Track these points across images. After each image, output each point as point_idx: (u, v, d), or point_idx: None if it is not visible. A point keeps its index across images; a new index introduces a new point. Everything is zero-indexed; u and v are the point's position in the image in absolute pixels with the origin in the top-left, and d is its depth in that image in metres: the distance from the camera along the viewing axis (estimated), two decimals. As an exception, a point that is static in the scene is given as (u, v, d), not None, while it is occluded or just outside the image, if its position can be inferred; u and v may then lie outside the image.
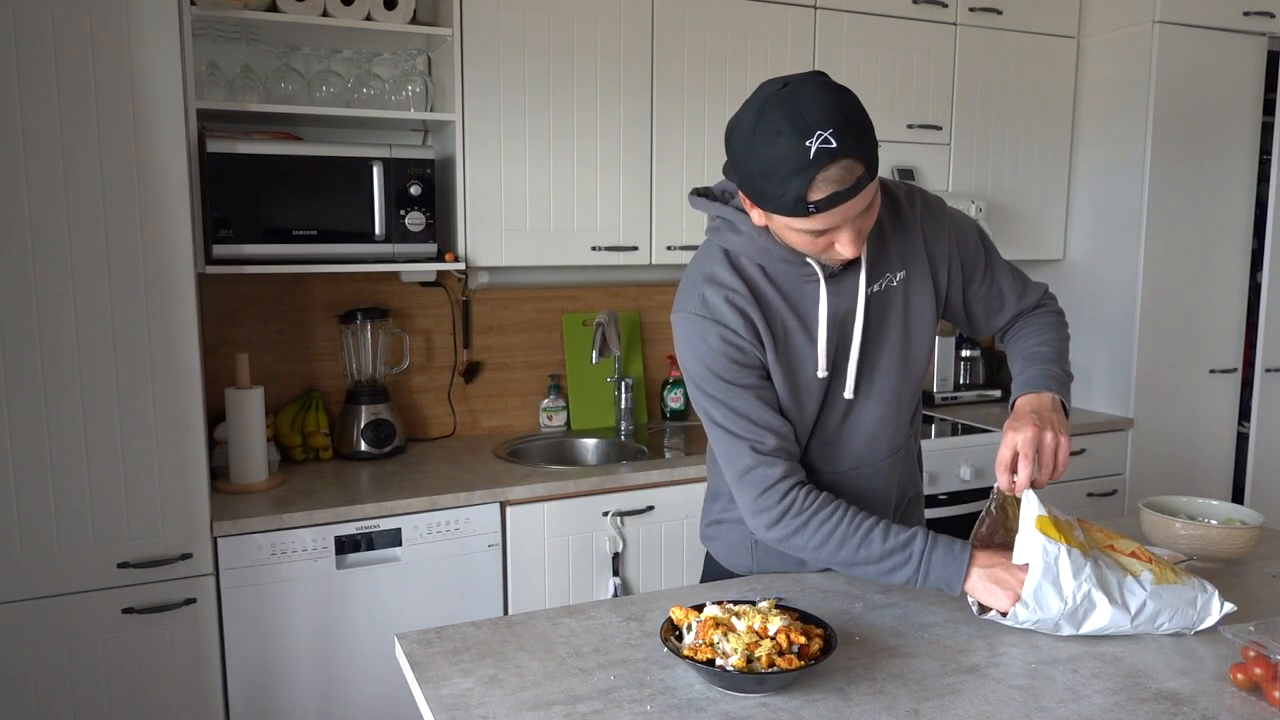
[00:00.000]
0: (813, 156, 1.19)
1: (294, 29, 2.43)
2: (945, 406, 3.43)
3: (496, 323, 2.99)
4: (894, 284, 1.49)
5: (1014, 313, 1.63)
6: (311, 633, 2.24)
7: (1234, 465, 3.44)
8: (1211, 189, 3.25)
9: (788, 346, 1.45)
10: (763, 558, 1.63)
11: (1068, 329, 1.63)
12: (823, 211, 1.23)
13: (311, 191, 2.37)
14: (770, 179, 1.23)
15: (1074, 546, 1.33)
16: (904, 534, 1.39)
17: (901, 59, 3.06)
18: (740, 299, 1.42)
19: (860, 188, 1.23)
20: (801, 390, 1.47)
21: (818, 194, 1.21)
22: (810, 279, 1.43)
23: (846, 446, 1.54)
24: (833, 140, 1.19)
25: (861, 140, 1.22)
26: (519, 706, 1.16)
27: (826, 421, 1.52)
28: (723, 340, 1.41)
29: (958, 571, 1.35)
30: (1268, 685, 1.17)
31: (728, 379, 1.42)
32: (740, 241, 1.42)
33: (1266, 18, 3.21)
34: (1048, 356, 1.53)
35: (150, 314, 2.03)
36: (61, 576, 2.01)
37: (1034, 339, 1.57)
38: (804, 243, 1.32)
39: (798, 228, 1.28)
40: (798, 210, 1.23)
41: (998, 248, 1.64)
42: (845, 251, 1.31)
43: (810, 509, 1.41)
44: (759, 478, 1.42)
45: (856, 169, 1.21)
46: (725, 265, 1.44)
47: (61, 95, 1.91)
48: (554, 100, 2.64)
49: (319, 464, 2.64)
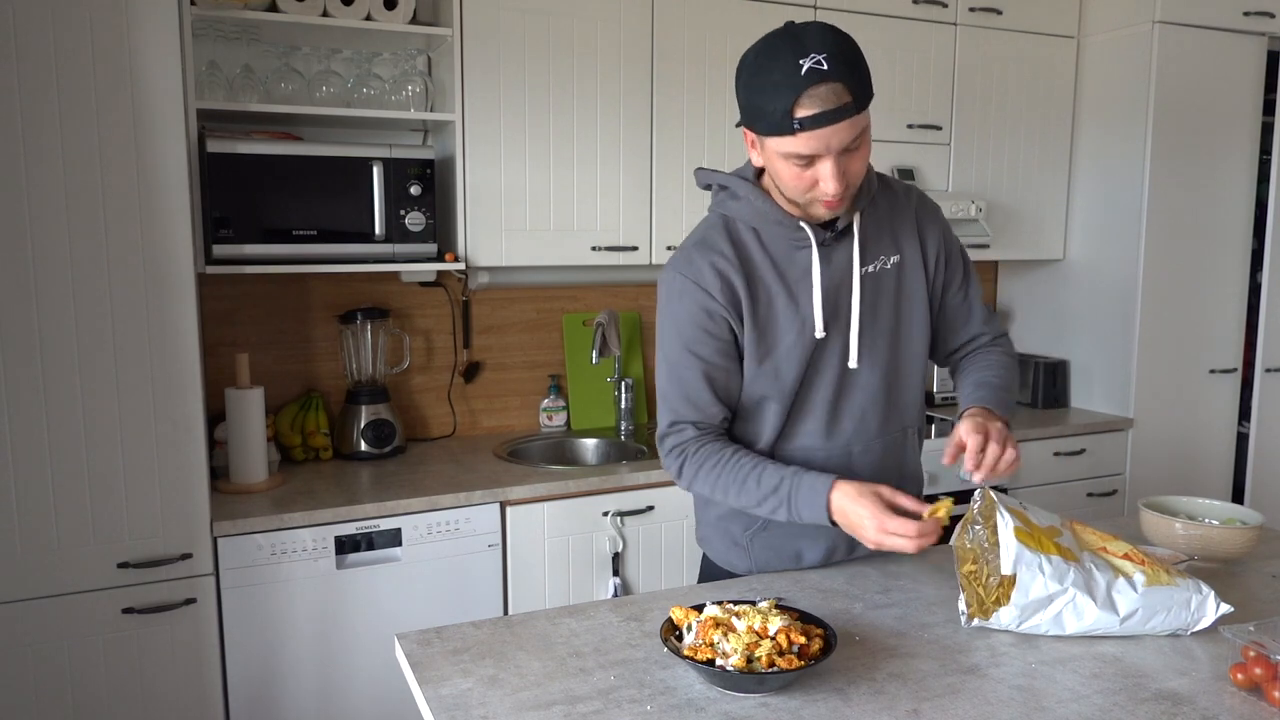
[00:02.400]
0: (804, 74, 1.27)
1: (294, 29, 2.43)
2: (945, 406, 3.43)
3: (496, 323, 2.99)
4: (888, 267, 1.54)
5: (975, 333, 1.67)
6: (311, 633, 2.24)
7: (1234, 465, 3.44)
8: (1211, 189, 3.25)
9: (770, 312, 1.48)
10: (759, 556, 1.63)
11: (1018, 370, 1.68)
12: (807, 130, 1.29)
13: (311, 191, 2.37)
14: (764, 94, 1.31)
15: (1055, 554, 1.34)
16: (775, 477, 1.44)
17: (901, 59, 3.06)
18: (725, 263, 1.47)
19: (845, 114, 1.29)
20: (780, 357, 1.50)
21: (803, 110, 1.28)
22: (802, 245, 1.48)
23: (838, 421, 1.56)
24: (824, 63, 1.27)
25: (853, 71, 1.29)
26: (519, 706, 1.16)
27: (816, 392, 1.54)
28: (698, 306, 1.47)
29: (821, 510, 1.41)
30: (1268, 685, 1.17)
31: (689, 345, 1.48)
32: (738, 206, 1.49)
33: (1266, 18, 3.21)
34: (997, 385, 1.57)
35: (150, 314, 2.03)
36: (61, 576, 2.01)
37: (988, 369, 1.61)
38: (792, 177, 1.37)
39: (785, 150, 1.33)
40: (785, 126, 1.30)
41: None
42: (827, 186, 1.35)
43: (699, 457, 1.49)
44: (672, 436, 1.52)
45: (844, 95, 1.28)
46: (721, 231, 1.50)
47: (61, 95, 1.91)
48: (554, 100, 2.64)
49: (319, 464, 2.64)
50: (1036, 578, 1.32)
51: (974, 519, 1.44)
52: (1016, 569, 1.32)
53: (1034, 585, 1.32)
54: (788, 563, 1.63)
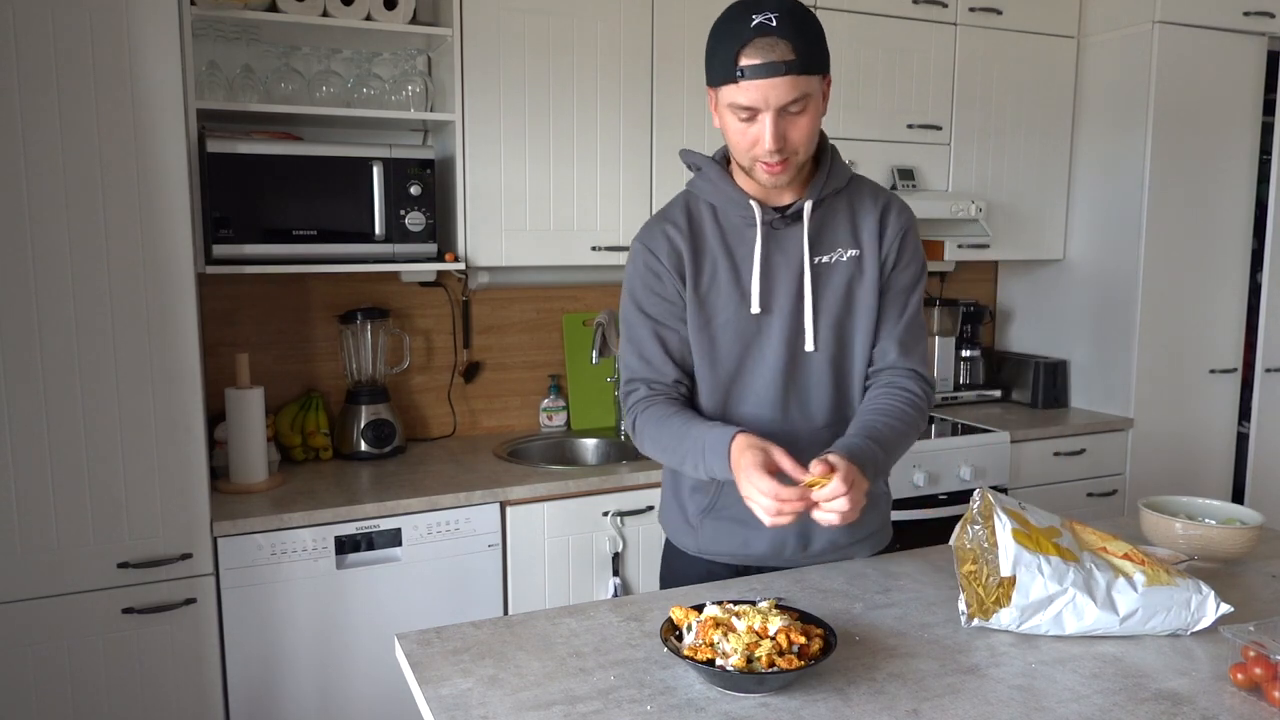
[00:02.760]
0: (752, 26, 1.36)
1: (294, 29, 2.43)
2: (945, 406, 3.43)
3: (496, 323, 2.99)
4: (843, 259, 1.56)
5: (890, 359, 1.57)
6: (311, 633, 2.24)
7: (1234, 465, 3.44)
8: (1211, 189, 3.25)
9: (713, 283, 1.54)
10: (706, 538, 1.64)
11: (920, 428, 1.55)
12: (748, 80, 1.37)
13: (311, 191, 2.37)
14: (717, 46, 1.41)
15: (1054, 554, 1.34)
16: (697, 432, 1.45)
17: (901, 59, 3.06)
18: (675, 231, 1.55)
19: (788, 71, 1.36)
20: (718, 329, 1.55)
21: (747, 58, 1.36)
22: (751, 223, 1.53)
23: (783, 407, 1.57)
24: (774, 21, 1.36)
25: (800, 34, 1.37)
26: (519, 706, 1.16)
27: (760, 376, 1.56)
28: (646, 267, 1.55)
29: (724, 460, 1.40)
30: (1268, 685, 1.17)
31: (640, 304, 1.56)
32: (702, 184, 1.57)
33: (1266, 18, 3.21)
34: (880, 438, 1.46)
35: (150, 314, 2.03)
36: (61, 576, 2.01)
37: (882, 415, 1.50)
38: (737, 133, 1.44)
39: (730, 100, 1.41)
40: (729, 74, 1.38)
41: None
42: (764, 143, 1.40)
43: (648, 416, 1.52)
44: (628, 396, 1.58)
45: (787, 53, 1.36)
46: (680, 204, 1.59)
47: (61, 95, 1.91)
48: (554, 100, 2.64)
49: (319, 464, 2.64)
50: (1036, 579, 1.32)
51: (973, 519, 1.44)
52: (1015, 570, 1.32)
53: (1033, 586, 1.32)
54: (735, 548, 1.62)
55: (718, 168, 1.56)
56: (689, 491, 1.65)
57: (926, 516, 2.90)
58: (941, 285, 3.68)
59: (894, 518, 2.82)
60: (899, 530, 2.89)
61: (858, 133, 3.03)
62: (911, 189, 3.10)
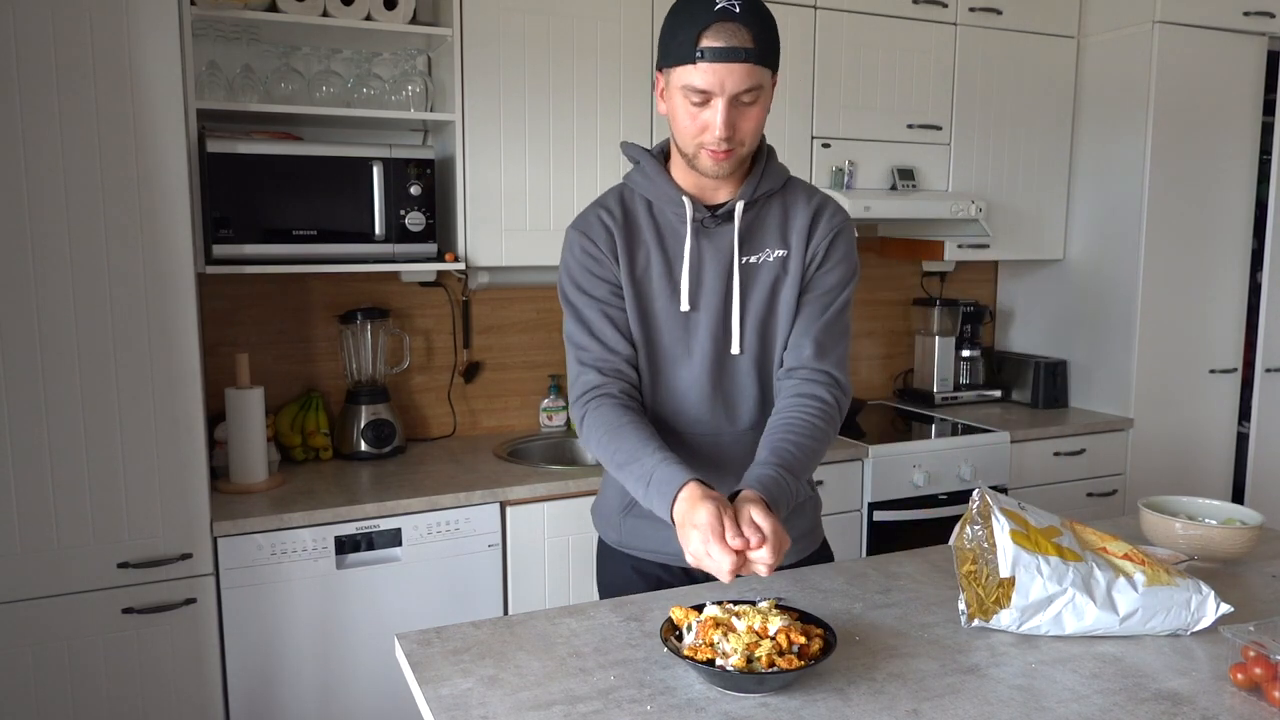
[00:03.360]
0: (716, 9, 1.37)
1: (294, 29, 2.43)
2: (945, 406, 3.43)
3: (496, 323, 2.99)
4: (770, 259, 1.56)
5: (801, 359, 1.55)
6: (311, 633, 2.24)
7: (1234, 465, 3.44)
8: (1211, 189, 3.25)
9: (647, 275, 1.55)
10: (629, 532, 1.63)
11: (832, 438, 1.51)
12: (707, 62, 1.37)
13: (311, 191, 2.37)
14: (677, 28, 1.40)
15: (1054, 554, 1.34)
16: (640, 466, 1.39)
17: (901, 59, 3.06)
18: (609, 218, 1.56)
19: (747, 58, 1.37)
20: (652, 321, 1.55)
21: (708, 40, 1.36)
22: (683, 220, 1.54)
23: (708, 406, 1.57)
24: (737, 7, 1.37)
25: (761, 25, 1.39)
26: (519, 706, 1.16)
27: (688, 373, 1.56)
28: (584, 251, 1.55)
29: (667, 504, 1.33)
30: (1268, 685, 1.17)
31: (582, 287, 1.55)
32: (640, 178, 1.57)
33: (1266, 18, 3.21)
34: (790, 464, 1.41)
35: (150, 314, 2.03)
36: (61, 576, 2.01)
37: (793, 432, 1.46)
38: (687, 116, 1.43)
39: (684, 82, 1.40)
40: (688, 54, 1.38)
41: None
42: (715, 130, 1.40)
43: (598, 415, 1.48)
44: (578, 383, 1.54)
45: (747, 40, 1.37)
46: (616, 195, 1.60)
47: (61, 95, 1.91)
48: (554, 100, 2.64)
49: (319, 464, 2.64)
50: (1035, 579, 1.32)
51: (973, 518, 1.44)
52: (1014, 571, 1.32)
53: (1033, 587, 1.32)
54: (658, 544, 1.60)
55: (655, 162, 1.56)
56: (611, 491, 1.66)
57: (926, 516, 2.91)
58: (941, 285, 3.68)
59: (894, 518, 2.88)
60: (899, 530, 2.93)
61: (858, 133, 3.03)
62: (911, 189, 3.10)
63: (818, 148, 2.98)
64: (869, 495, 2.85)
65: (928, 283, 3.65)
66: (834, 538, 2.84)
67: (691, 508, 1.28)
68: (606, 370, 1.53)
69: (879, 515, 2.87)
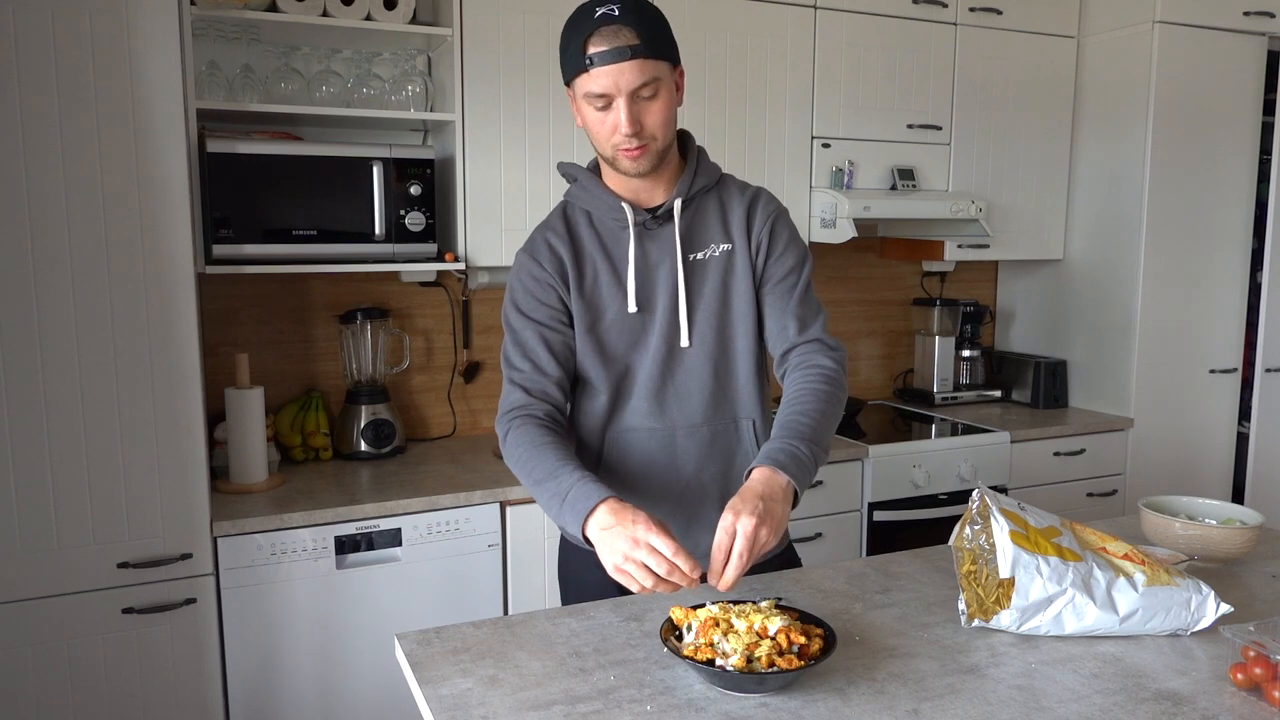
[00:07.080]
0: (595, 18, 1.43)
1: (294, 29, 2.43)
2: (945, 406, 3.43)
3: (496, 322, 2.99)
4: (716, 254, 1.60)
5: (792, 339, 1.58)
6: (311, 633, 2.24)
7: (1234, 465, 3.44)
8: (1211, 189, 3.25)
9: (595, 286, 1.59)
10: None
11: (841, 399, 1.55)
12: (597, 66, 1.43)
13: (311, 191, 2.37)
14: (567, 42, 1.47)
15: (1053, 554, 1.34)
16: (558, 482, 1.40)
17: (901, 59, 3.06)
18: (555, 238, 1.60)
19: (633, 55, 1.42)
20: (604, 329, 1.59)
21: (594, 46, 1.43)
22: (625, 225, 1.58)
23: (663, 402, 1.60)
24: (616, 10, 1.43)
25: (642, 20, 1.44)
26: (519, 706, 1.16)
27: (642, 371, 1.60)
28: (530, 275, 1.59)
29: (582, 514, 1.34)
30: (1268, 685, 1.17)
31: (523, 310, 1.60)
32: (578, 191, 1.62)
33: (1266, 18, 3.21)
34: (802, 432, 1.45)
35: (150, 314, 2.03)
36: (61, 576, 2.01)
37: (799, 404, 1.50)
38: (596, 123, 1.49)
39: (584, 90, 1.46)
40: (580, 64, 1.44)
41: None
42: (622, 128, 1.45)
43: (520, 433, 1.50)
44: (505, 402, 1.58)
45: (631, 39, 1.42)
46: (559, 214, 1.64)
47: (61, 95, 1.91)
48: (554, 100, 2.64)
49: (319, 464, 2.64)
50: (1035, 580, 1.32)
51: (972, 518, 1.44)
52: (1014, 572, 1.32)
53: (1032, 587, 1.32)
54: None
55: (592, 176, 1.61)
56: None
57: (926, 516, 2.91)
58: (941, 285, 3.68)
59: (894, 518, 2.88)
60: (899, 530, 2.93)
61: (858, 133, 3.03)
62: (911, 189, 3.10)
63: (818, 148, 2.98)
64: (869, 495, 2.86)
65: (928, 283, 3.65)
66: (834, 538, 2.85)
67: (619, 516, 1.29)
68: (534, 391, 1.56)
69: (879, 515, 2.87)
